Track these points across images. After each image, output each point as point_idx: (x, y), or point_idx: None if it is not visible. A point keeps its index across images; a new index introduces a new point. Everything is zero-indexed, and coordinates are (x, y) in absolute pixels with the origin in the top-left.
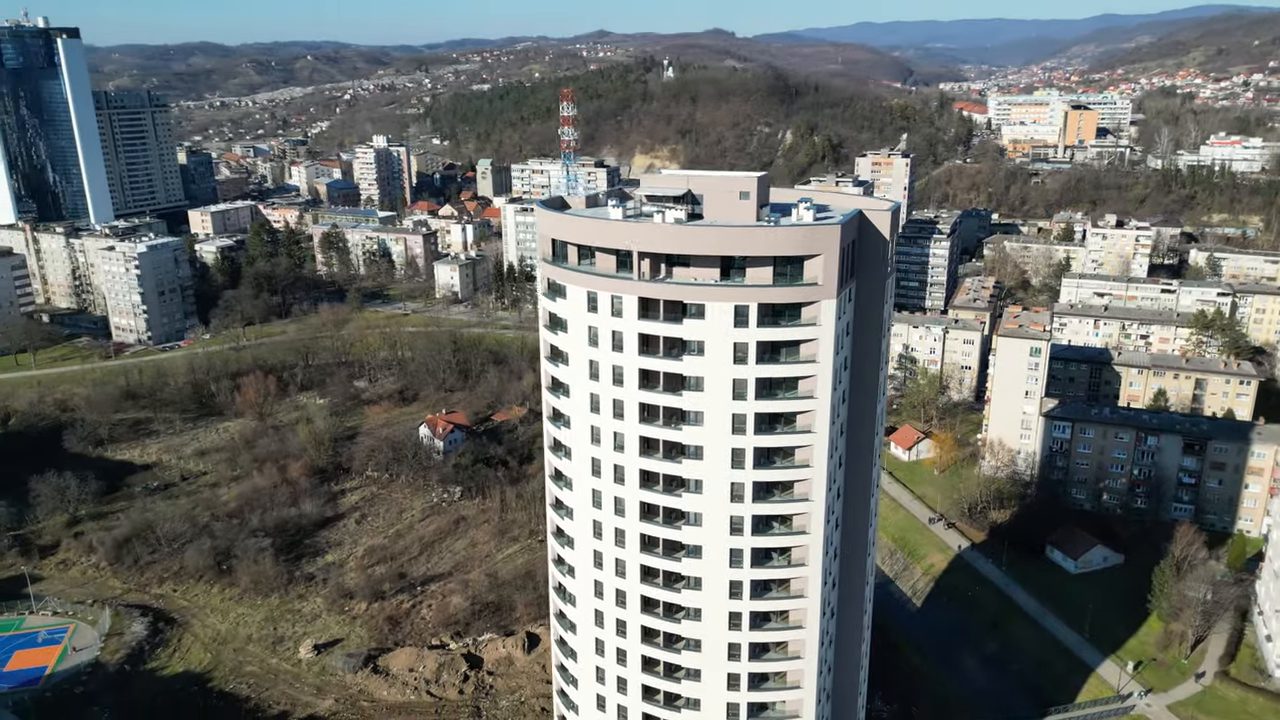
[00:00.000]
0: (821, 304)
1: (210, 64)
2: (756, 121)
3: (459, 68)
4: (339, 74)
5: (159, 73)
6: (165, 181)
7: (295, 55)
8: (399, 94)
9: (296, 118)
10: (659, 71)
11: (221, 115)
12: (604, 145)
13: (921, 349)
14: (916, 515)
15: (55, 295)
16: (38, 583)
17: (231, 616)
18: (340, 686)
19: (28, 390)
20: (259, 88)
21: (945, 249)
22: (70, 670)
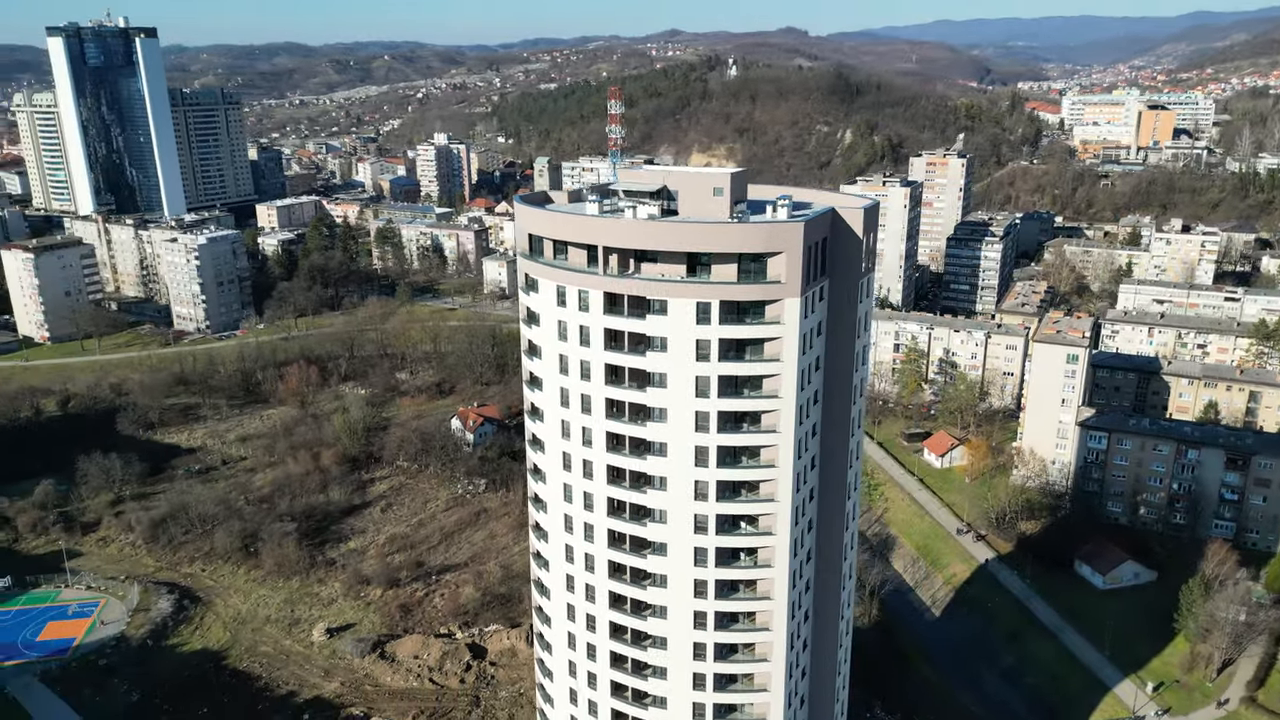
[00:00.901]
0: (785, 302)
1: (293, 64)
2: (816, 120)
3: (529, 67)
4: (414, 73)
5: (244, 72)
6: (236, 176)
7: (373, 55)
8: (469, 93)
9: (370, 116)
10: (722, 70)
11: (300, 113)
12: (661, 143)
13: (962, 354)
14: (943, 523)
15: (124, 284)
16: (77, 558)
17: (253, 597)
18: (347, 670)
19: (88, 374)
20: (337, 86)
21: (997, 252)
22: (97, 643)
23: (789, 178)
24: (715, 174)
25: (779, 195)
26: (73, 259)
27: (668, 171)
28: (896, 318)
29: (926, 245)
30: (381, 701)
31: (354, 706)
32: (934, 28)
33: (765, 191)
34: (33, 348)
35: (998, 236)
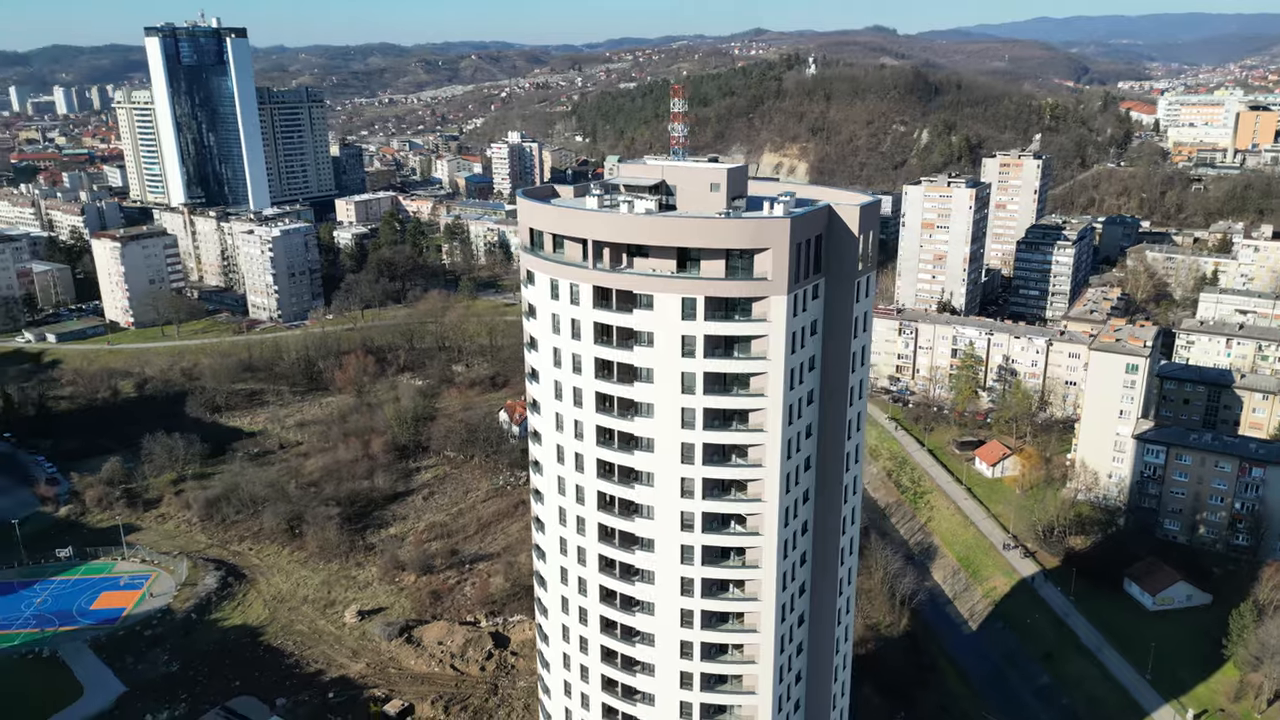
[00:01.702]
0: (771, 300)
1: (385, 63)
2: (892, 120)
3: (611, 66)
4: (500, 73)
5: (339, 71)
6: (318, 172)
7: (461, 55)
8: (551, 92)
9: (455, 114)
10: (800, 69)
11: (389, 111)
12: (734, 142)
13: (1022, 361)
14: (988, 535)
15: (207, 274)
16: (136, 533)
17: (294, 577)
18: (374, 652)
19: (164, 358)
20: (425, 86)
21: (1069, 256)
22: (144, 614)
23: (861, 178)
24: (712, 169)
25: (782, 192)
26: (156, 248)
27: (665, 166)
28: (955, 322)
29: (998, 249)
30: (403, 684)
31: (377, 688)
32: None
33: (778, 189)
34: (118, 332)
35: (1071, 241)
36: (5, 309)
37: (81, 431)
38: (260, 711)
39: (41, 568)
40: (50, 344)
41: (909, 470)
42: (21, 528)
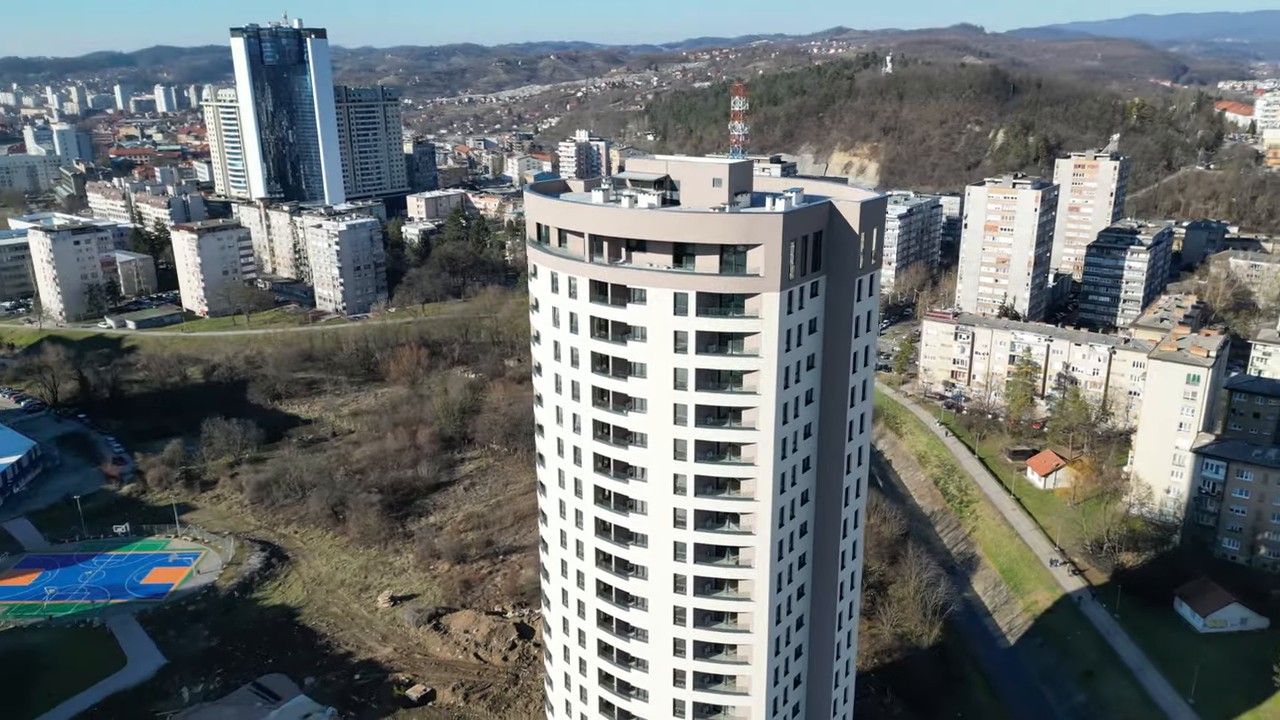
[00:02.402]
0: (764, 296)
1: (466, 63)
2: (967, 120)
3: (687, 66)
4: (577, 73)
5: (422, 71)
6: (391, 169)
7: (541, 55)
8: (626, 91)
9: (531, 114)
10: (876, 67)
11: (467, 110)
12: (802, 142)
13: (1083, 369)
14: (1033, 547)
15: (280, 266)
16: (191, 512)
17: (333, 561)
18: (402, 637)
19: (232, 346)
20: (505, 85)
21: (1143, 262)
22: (190, 590)
23: (933, 179)
24: (714, 164)
25: (789, 188)
26: (231, 241)
27: (670, 161)
28: (1013, 327)
29: (1071, 253)
30: (427, 670)
31: (401, 672)
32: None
33: (786, 185)
34: (192, 320)
35: (1145, 245)
36: (90, 296)
37: (150, 414)
38: (289, 689)
39: (100, 542)
40: (129, 330)
41: (957, 478)
42: (85, 503)
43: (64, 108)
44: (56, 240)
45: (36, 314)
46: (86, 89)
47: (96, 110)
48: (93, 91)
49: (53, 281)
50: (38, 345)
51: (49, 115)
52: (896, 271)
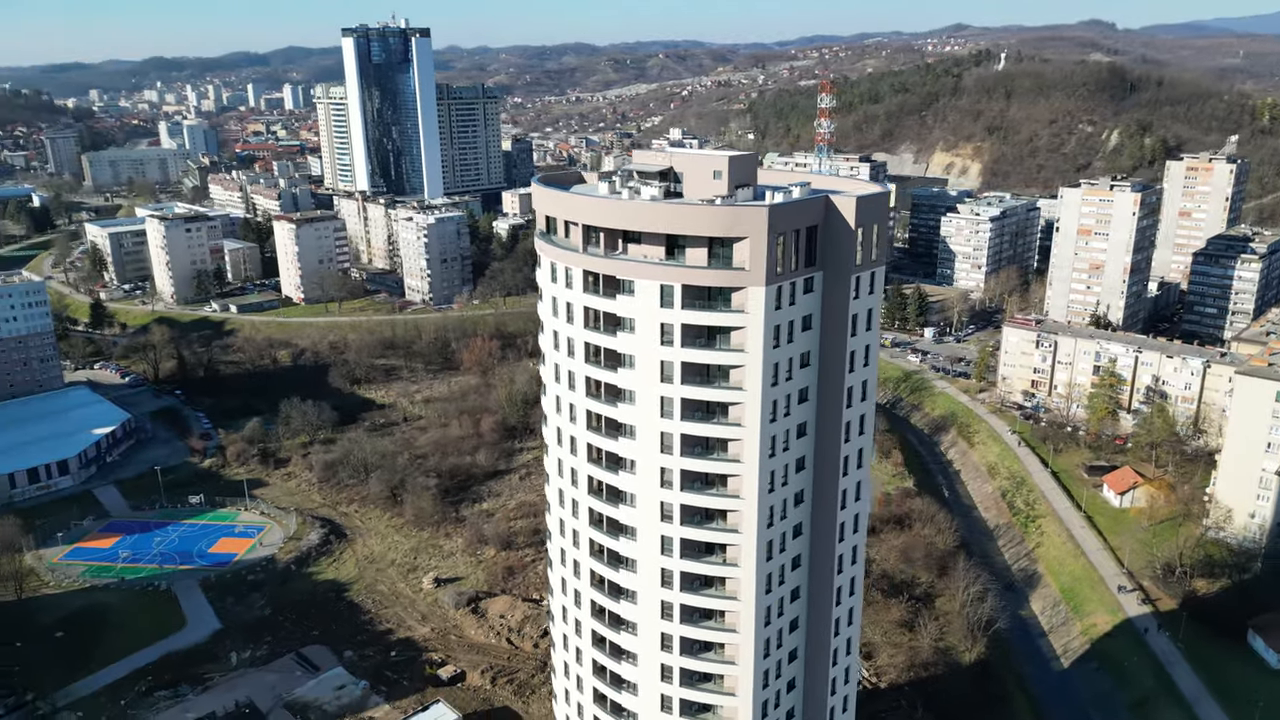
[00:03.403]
0: (749, 290)
1: (576, 62)
2: (1078, 119)
3: (795, 64)
4: (685, 71)
5: (532, 70)
6: (489, 165)
7: (650, 54)
8: (731, 90)
9: (635, 112)
10: (988, 65)
11: (574, 109)
12: (902, 141)
13: (1175, 383)
14: (1098, 567)
15: (375, 257)
16: (263, 488)
17: (387, 541)
18: (441, 618)
19: (319, 332)
20: (613, 84)
21: (1254, 272)
22: (251, 561)
23: (1039, 180)
24: (715, 156)
25: (796, 181)
26: (326, 231)
27: (674, 153)
28: (1099, 336)
29: (1179, 260)
30: (460, 651)
31: (435, 652)
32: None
33: (792, 178)
34: (289, 307)
35: (1258, 254)
36: (198, 281)
37: (240, 393)
38: (329, 660)
39: (176, 511)
40: (231, 314)
41: (1025, 492)
42: (169, 475)
43: (201, 105)
44: (170, 228)
45: (150, 296)
46: (223, 87)
47: (230, 107)
48: (228, 89)
49: (165, 266)
50: (148, 325)
51: (187, 112)
52: (986, 276)
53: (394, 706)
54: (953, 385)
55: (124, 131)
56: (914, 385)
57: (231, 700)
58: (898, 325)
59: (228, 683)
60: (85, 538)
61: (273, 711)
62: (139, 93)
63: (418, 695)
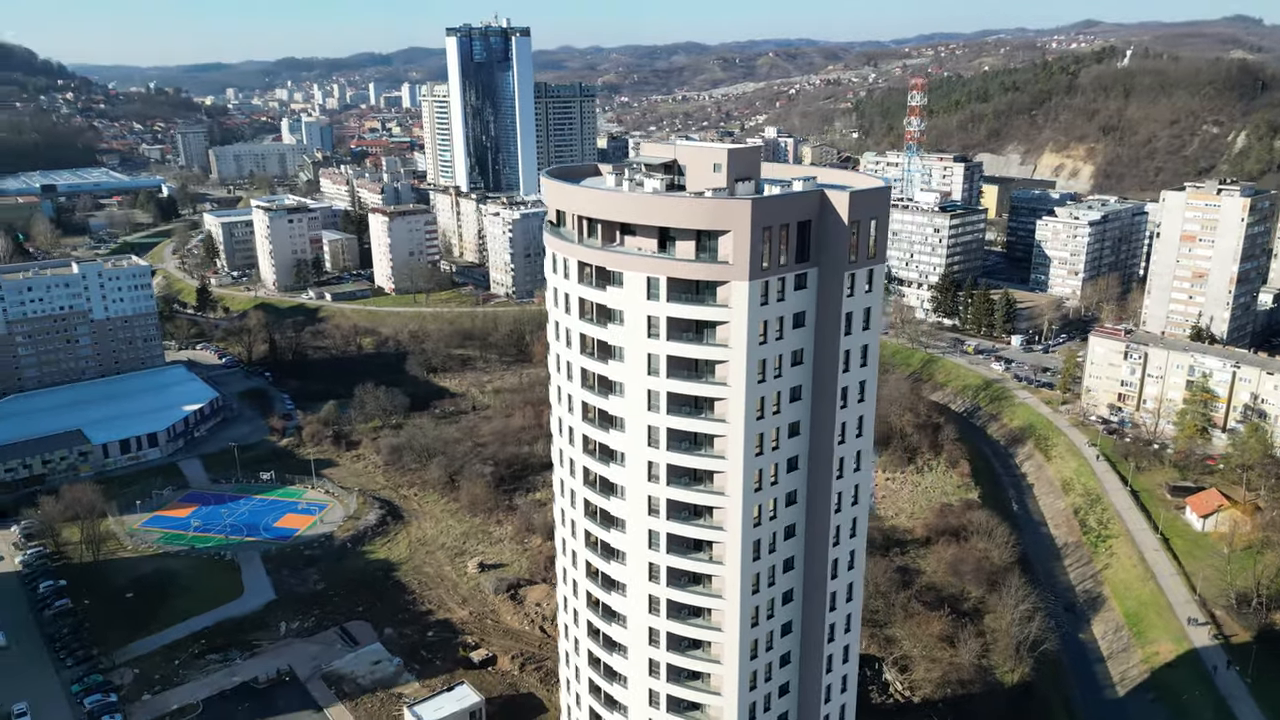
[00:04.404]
0: (733, 285)
1: (685, 62)
2: (1202, 120)
3: (908, 62)
4: (794, 70)
5: (641, 70)
6: (584, 162)
7: (759, 53)
8: (839, 88)
9: (740, 111)
10: (1110, 62)
11: (679, 108)
12: (1010, 141)
13: (1275, 401)
14: (1168, 593)
15: (466, 251)
16: (332, 468)
17: (440, 525)
18: (480, 602)
19: (401, 321)
20: (720, 83)
21: None
22: (311, 537)
23: (1155, 184)
24: (715, 149)
25: (802, 175)
26: (418, 225)
27: (678, 146)
28: (1193, 349)
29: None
30: (494, 636)
31: (471, 635)
32: None
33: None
34: (380, 296)
35: None
36: (298, 269)
37: (324, 377)
38: (369, 636)
39: (249, 486)
40: (325, 302)
41: (1100, 510)
42: (248, 451)
43: (326, 103)
44: (273, 218)
45: (254, 283)
46: (347, 86)
47: (352, 106)
48: (352, 88)
49: (269, 255)
50: (248, 310)
51: (312, 109)
52: (1083, 283)
53: (423, 684)
54: (1035, 396)
55: (252, 127)
56: (994, 394)
57: (274, 667)
58: (983, 332)
59: (274, 650)
60: (164, 506)
61: (310, 680)
62: (271, 91)
63: (447, 676)
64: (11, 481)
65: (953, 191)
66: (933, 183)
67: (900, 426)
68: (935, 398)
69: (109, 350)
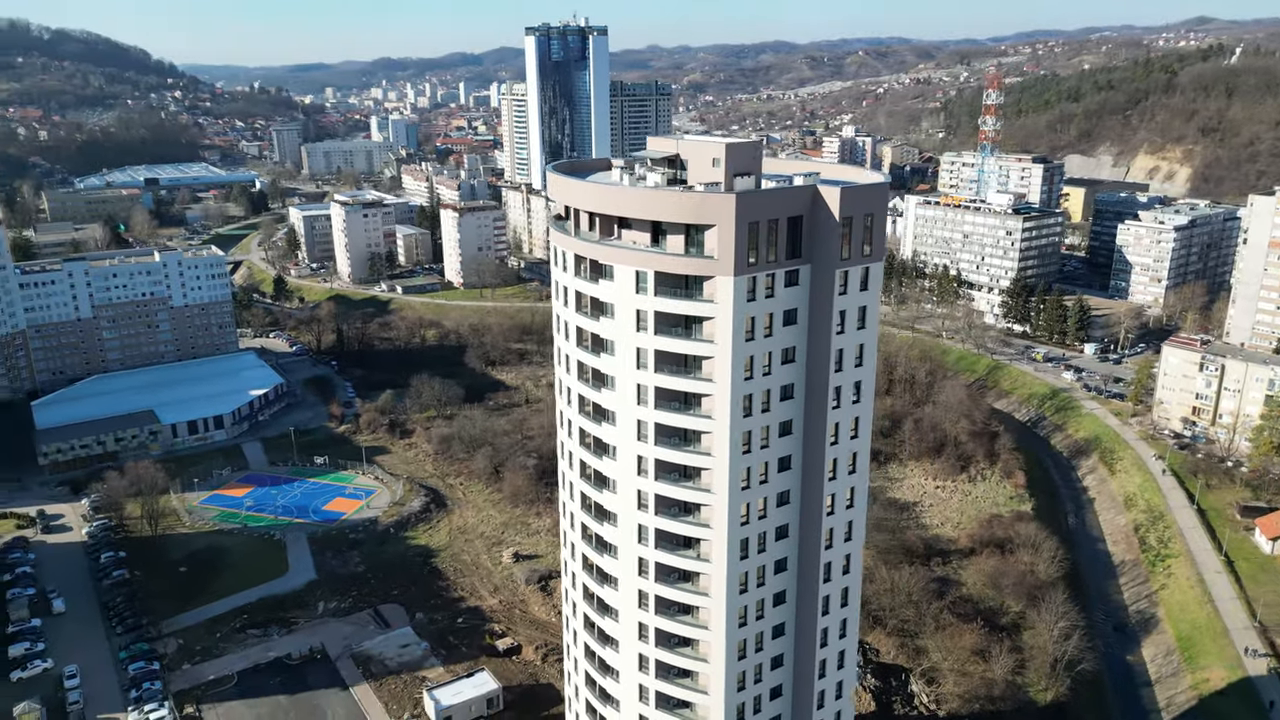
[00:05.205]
0: (718, 280)
1: (773, 60)
2: None
3: (1003, 60)
4: (884, 69)
5: (727, 69)
6: None
7: (849, 52)
8: (929, 88)
9: (826, 110)
10: (1218, 60)
11: (762, 107)
12: (1101, 142)
13: None
14: (1225, 618)
15: (535, 247)
16: (384, 455)
17: (481, 514)
18: (511, 591)
19: (464, 315)
20: (807, 82)
21: None
22: (356, 520)
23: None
24: (714, 143)
25: (805, 170)
26: (487, 221)
27: (681, 141)
28: (1273, 361)
29: None
30: (521, 626)
31: (498, 623)
32: None
33: (801, 168)
34: (449, 290)
35: None
36: (371, 263)
37: (387, 367)
38: (401, 619)
39: (304, 470)
40: (396, 294)
41: (1161, 528)
42: (306, 436)
43: (417, 101)
44: (349, 213)
45: (330, 275)
46: (439, 85)
47: (442, 105)
48: (443, 87)
49: (344, 248)
50: (321, 301)
51: (404, 108)
52: (1166, 291)
53: (447, 669)
54: (1103, 407)
55: (345, 125)
56: (1060, 404)
57: (307, 645)
58: (1055, 339)
59: (309, 628)
60: (223, 486)
61: (340, 659)
62: (366, 90)
63: (471, 662)
64: (86, 457)
65: (1029, 193)
66: (1010, 184)
67: (954, 434)
68: (999, 406)
69: (186, 335)
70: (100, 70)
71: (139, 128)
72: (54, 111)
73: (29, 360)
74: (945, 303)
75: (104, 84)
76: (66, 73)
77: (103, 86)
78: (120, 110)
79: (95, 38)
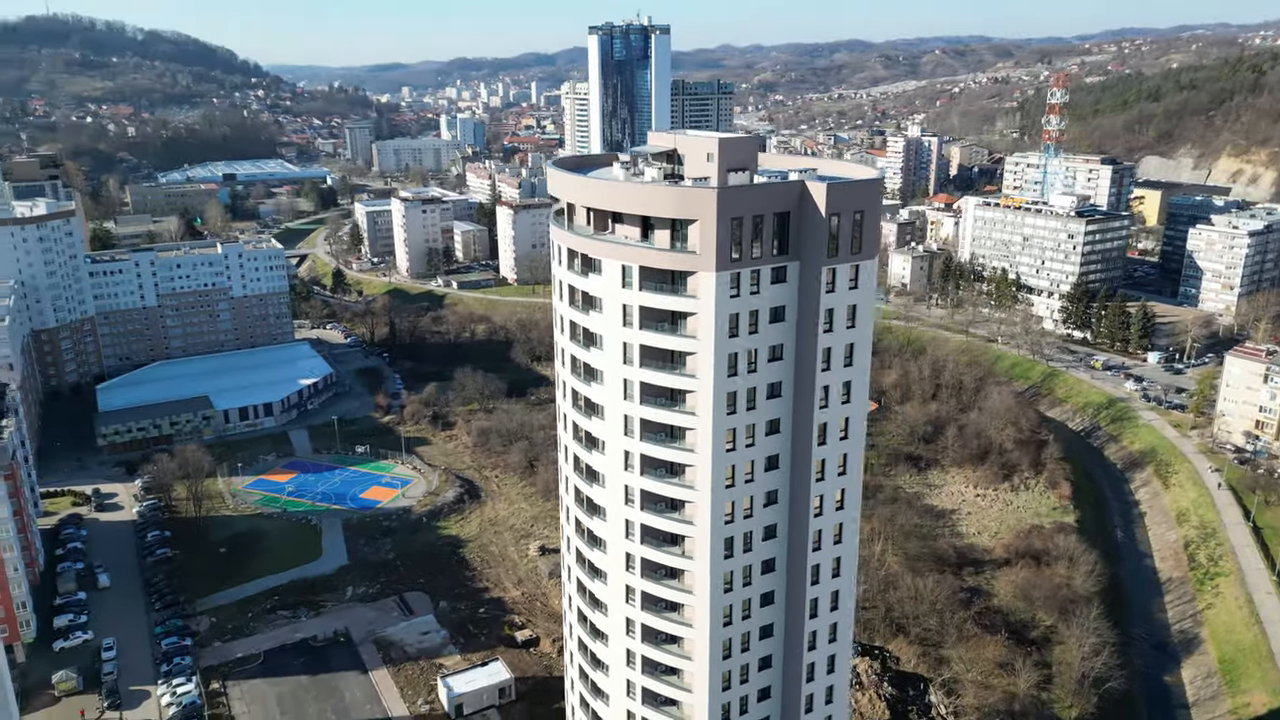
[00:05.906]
0: (700, 275)
1: (847, 59)
2: None
3: (1087, 59)
4: (961, 68)
5: (799, 68)
6: None
7: (925, 50)
8: (1007, 87)
9: (898, 109)
10: None
11: (833, 106)
12: (1182, 144)
13: None
14: (1272, 641)
15: None
16: (425, 445)
17: (513, 507)
18: (533, 584)
19: (512, 310)
20: (880, 81)
21: None
22: (391, 509)
23: None
24: (709, 138)
25: (803, 166)
26: (540, 218)
27: (678, 136)
28: None
29: None
30: (541, 618)
31: (518, 615)
32: None
33: (801, 164)
34: (503, 286)
35: None
36: (429, 258)
37: (436, 360)
38: (425, 606)
39: (346, 458)
40: (451, 290)
41: (1213, 545)
42: (352, 425)
43: (490, 101)
44: (408, 209)
45: (389, 269)
46: (511, 85)
47: (514, 104)
48: (516, 87)
49: (403, 243)
50: (379, 295)
51: (477, 107)
52: (1239, 299)
53: (464, 658)
54: (1162, 418)
55: (418, 124)
56: (1116, 414)
57: (332, 628)
58: (1117, 347)
59: (336, 612)
60: (268, 471)
61: (363, 643)
62: (441, 90)
63: (488, 652)
64: (143, 439)
65: (1096, 195)
66: (1076, 186)
67: (999, 441)
68: (1051, 414)
69: (245, 325)
70: (188, 70)
71: (221, 125)
72: (143, 109)
73: (97, 346)
74: (1002, 307)
75: (191, 83)
76: (157, 72)
77: (190, 85)
78: (205, 108)
79: (185, 39)
